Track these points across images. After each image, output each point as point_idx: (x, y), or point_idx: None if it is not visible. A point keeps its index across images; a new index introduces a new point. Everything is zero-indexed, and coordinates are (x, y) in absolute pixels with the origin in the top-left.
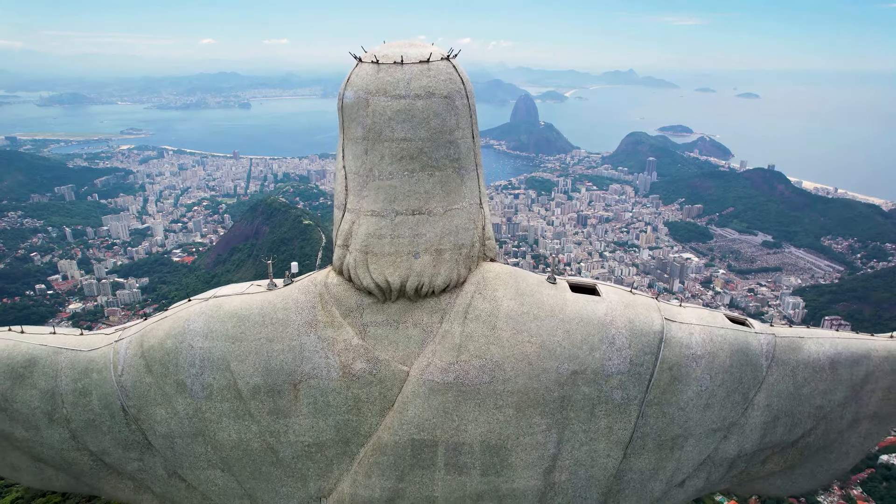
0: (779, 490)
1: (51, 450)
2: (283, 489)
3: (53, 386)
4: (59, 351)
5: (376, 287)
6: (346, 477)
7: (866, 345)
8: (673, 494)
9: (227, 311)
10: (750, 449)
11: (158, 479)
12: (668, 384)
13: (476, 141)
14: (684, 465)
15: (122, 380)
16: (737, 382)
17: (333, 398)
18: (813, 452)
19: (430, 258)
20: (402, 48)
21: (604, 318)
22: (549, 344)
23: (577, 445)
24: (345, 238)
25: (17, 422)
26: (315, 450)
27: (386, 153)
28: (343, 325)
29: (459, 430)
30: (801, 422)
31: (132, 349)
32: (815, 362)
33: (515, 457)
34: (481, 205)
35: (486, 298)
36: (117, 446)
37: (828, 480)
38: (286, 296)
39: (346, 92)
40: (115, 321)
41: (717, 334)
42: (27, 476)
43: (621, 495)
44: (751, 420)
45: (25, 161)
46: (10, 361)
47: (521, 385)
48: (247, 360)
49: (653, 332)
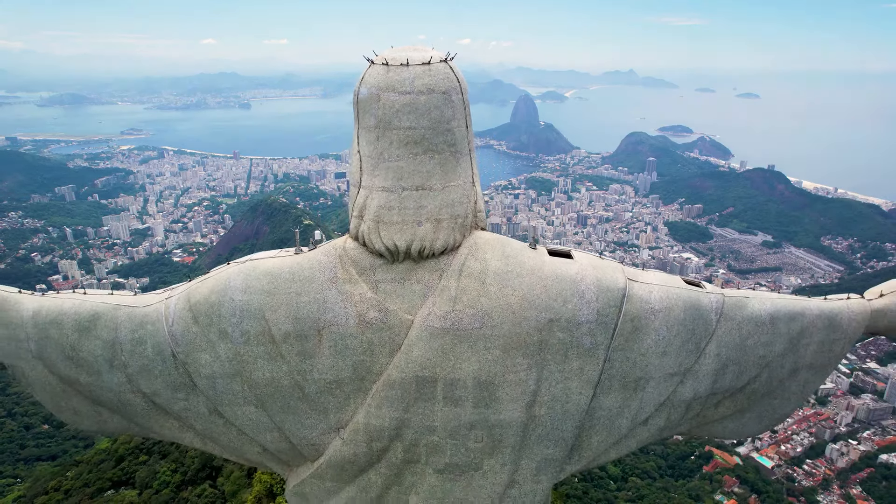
0: (732, 433)
1: (109, 392)
2: (307, 421)
3: (114, 337)
4: (118, 307)
5: (386, 250)
6: (360, 409)
7: (802, 304)
8: (638, 432)
9: (261, 270)
10: (704, 392)
11: (200, 416)
12: (630, 333)
13: (469, 130)
14: (646, 404)
15: (173, 330)
16: (690, 334)
17: (350, 342)
18: (759, 398)
19: (431, 226)
20: (408, 52)
21: (575, 276)
22: (529, 297)
23: (553, 383)
24: (360, 210)
25: (83, 368)
26: (335, 386)
27: (394, 139)
28: (359, 281)
29: (455, 369)
30: (746, 370)
31: (181, 304)
32: (757, 318)
33: (502, 392)
34: (474, 183)
35: (477, 259)
36: (167, 388)
37: (773, 424)
38: (311, 258)
39: (361, 89)
40: None
41: (672, 293)
42: (87, 420)
43: (593, 430)
44: (703, 367)
45: (26, 161)
46: (77, 316)
47: (505, 330)
48: (279, 310)
49: (617, 289)
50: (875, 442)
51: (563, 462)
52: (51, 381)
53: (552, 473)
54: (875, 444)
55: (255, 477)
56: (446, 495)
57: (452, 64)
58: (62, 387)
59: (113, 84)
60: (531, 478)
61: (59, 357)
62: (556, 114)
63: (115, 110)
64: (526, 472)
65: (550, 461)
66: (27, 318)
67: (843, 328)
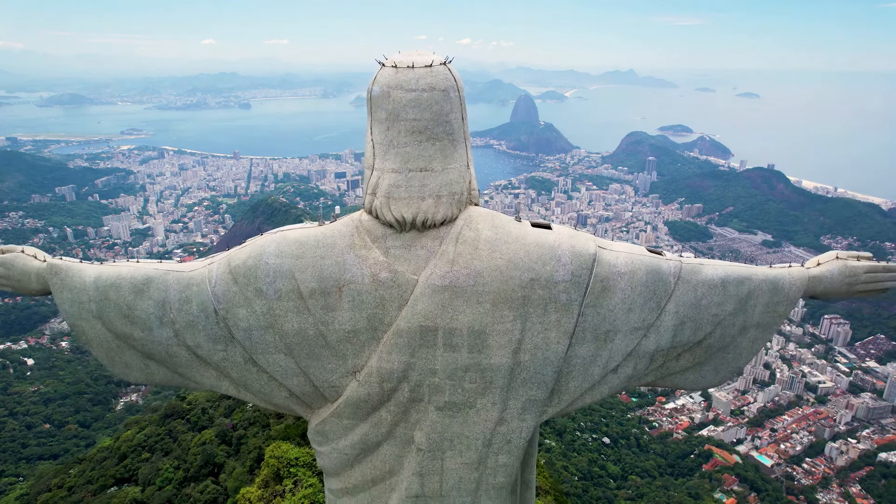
0: (693, 384)
1: (159, 346)
2: (328, 365)
3: (164, 297)
4: (168, 272)
5: (395, 221)
6: (373, 355)
7: (750, 270)
8: (609, 379)
9: (291, 238)
10: (665, 345)
11: (236, 365)
12: (599, 292)
13: (465, 122)
14: (615, 354)
15: (215, 290)
16: (651, 293)
17: (365, 297)
18: (714, 352)
19: (433, 201)
20: (413, 56)
21: (553, 243)
22: (514, 260)
23: (535, 333)
24: (373, 188)
25: (136, 325)
26: (352, 335)
27: (402, 129)
28: (372, 247)
29: (452, 319)
30: (701, 326)
31: (222, 268)
32: (710, 281)
33: (492, 339)
34: (468, 166)
35: (471, 229)
36: (208, 340)
37: (728, 376)
38: (333, 228)
39: (374, 87)
40: None
41: (636, 259)
42: (136, 372)
43: (570, 376)
44: (664, 323)
45: (26, 161)
46: (133, 280)
47: (494, 287)
48: (306, 271)
49: (588, 254)
50: (874, 440)
51: (544, 404)
52: (107, 337)
53: (536, 413)
54: (874, 442)
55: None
56: (445, 430)
57: (451, 66)
58: (117, 343)
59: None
60: (517, 416)
61: (117, 316)
62: (556, 113)
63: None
64: (513, 410)
65: (534, 402)
66: (89, 283)
67: (786, 291)
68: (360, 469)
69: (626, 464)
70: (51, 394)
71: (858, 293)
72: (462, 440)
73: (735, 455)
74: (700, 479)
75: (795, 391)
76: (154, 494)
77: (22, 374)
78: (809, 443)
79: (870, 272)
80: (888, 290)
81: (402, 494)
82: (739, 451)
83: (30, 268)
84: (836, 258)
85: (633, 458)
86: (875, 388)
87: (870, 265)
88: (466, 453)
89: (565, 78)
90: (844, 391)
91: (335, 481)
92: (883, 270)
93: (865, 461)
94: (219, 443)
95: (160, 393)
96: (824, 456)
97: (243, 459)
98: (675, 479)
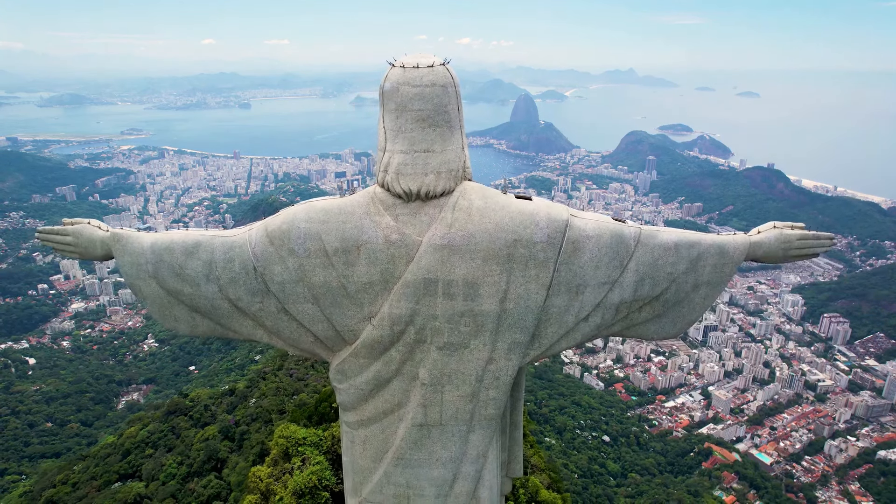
0: (653, 334)
1: (205, 300)
2: (348, 312)
3: (211, 258)
4: (214, 237)
5: (404, 193)
6: (385, 303)
7: (699, 236)
8: (581, 327)
9: (318, 207)
10: (628, 298)
11: (271, 315)
12: (571, 252)
13: (460, 112)
14: (586, 305)
15: (255, 250)
16: (615, 254)
17: (379, 255)
18: (671, 306)
19: (434, 177)
20: (417, 58)
21: (533, 211)
22: (500, 224)
23: (518, 285)
24: (385, 166)
25: (187, 282)
26: (368, 286)
27: (409, 118)
28: (385, 214)
29: (450, 273)
30: (659, 283)
31: (260, 232)
32: (665, 244)
33: (482, 290)
34: (463, 149)
35: (465, 199)
36: (248, 293)
37: (684, 328)
38: (352, 199)
39: (385, 84)
40: (117, 320)
41: (602, 225)
42: (183, 325)
43: (548, 323)
44: (626, 279)
45: (27, 162)
46: (185, 244)
47: (484, 247)
48: (331, 233)
49: (562, 220)
50: (873, 438)
51: (527, 346)
52: (160, 294)
53: (519, 354)
54: (873, 440)
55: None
56: (444, 367)
57: (448, 66)
58: (168, 299)
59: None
60: (504, 356)
61: (170, 275)
62: (555, 113)
63: (114, 110)
64: (500, 351)
65: (518, 344)
66: (146, 247)
67: (730, 255)
68: (374, 402)
69: (626, 462)
70: (52, 393)
71: (793, 257)
72: (458, 376)
73: (735, 453)
74: (700, 477)
75: (795, 389)
76: (158, 490)
77: (23, 374)
78: (809, 441)
79: (802, 239)
80: (818, 255)
81: (409, 423)
82: (739, 449)
83: (95, 237)
84: (774, 227)
85: (633, 455)
86: (874, 387)
87: (801, 233)
88: (462, 387)
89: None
90: (844, 389)
91: (352, 415)
92: (813, 238)
93: (865, 459)
94: (221, 438)
95: (161, 391)
96: (823, 454)
97: (246, 454)
98: (675, 477)
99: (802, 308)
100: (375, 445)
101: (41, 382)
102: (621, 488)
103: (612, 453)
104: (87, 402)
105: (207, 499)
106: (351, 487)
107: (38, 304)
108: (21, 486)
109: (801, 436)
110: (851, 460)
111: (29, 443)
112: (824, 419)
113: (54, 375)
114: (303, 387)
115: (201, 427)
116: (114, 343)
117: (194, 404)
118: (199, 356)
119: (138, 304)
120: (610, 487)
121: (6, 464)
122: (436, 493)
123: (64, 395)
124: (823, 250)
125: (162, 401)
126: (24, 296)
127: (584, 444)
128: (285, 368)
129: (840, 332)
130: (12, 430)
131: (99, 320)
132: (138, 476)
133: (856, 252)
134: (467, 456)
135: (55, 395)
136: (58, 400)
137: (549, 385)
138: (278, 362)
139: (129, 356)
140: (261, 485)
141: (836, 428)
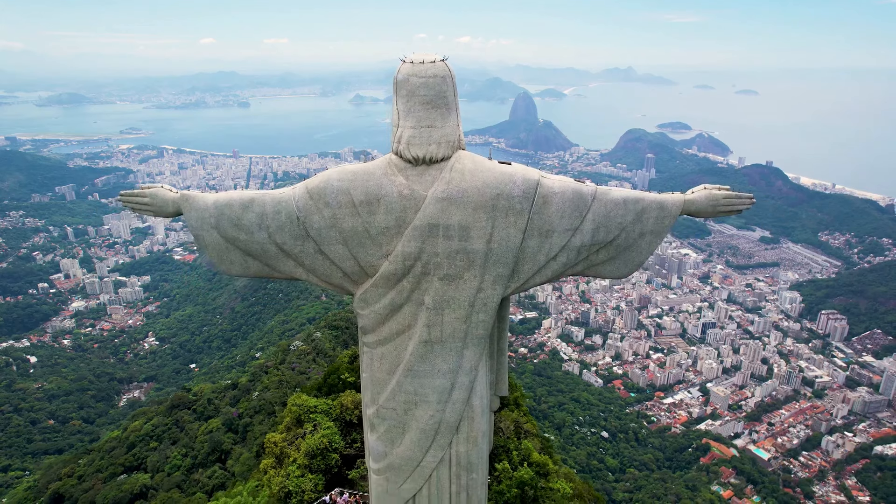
0: (609, 273)
1: (256, 245)
2: (370, 251)
3: (262, 210)
4: (265, 194)
5: (413, 158)
6: (399, 243)
7: (644, 194)
8: (550, 265)
9: (348, 169)
10: (587, 242)
11: (309, 255)
12: (541, 204)
13: (456, 97)
14: (554, 247)
15: (298, 204)
16: (575, 206)
17: (394, 205)
18: (622, 250)
19: (436, 146)
20: (423, 56)
21: (511, 172)
22: (486, 181)
23: (500, 229)
24: (398, 139)
25: (242, 230)
26: (386, 230)
27: (416, 101)
28: (398, 175)
29: (448, 219)
30: (611, 230)
31: (301, 189)
32: (615, 200)
33: (473, 232)
34: (458, 125)
35: (459, 163)
36: (292, 238)
37: (635, 268)
38: (374, 163)
39: (398, 75)
40: (117, 319)
41: (566, 184)
42: (236, 266)
43: (524, 261)
44: (585, 227)
45: (26, 161)
46: (242, 199)
47: (474, 199)
48: (357, 189)
49: (533, 180)
50: (870, 434)
51: (508, 279)
52: (220, 241)
53: (502, 285)
54: (870, 435)
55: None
56: (444, 293)
57: (447, 62)
58: (226, 245)
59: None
60: (490, 286)
61: (229, 225)
62: (554, 111)
63: (114, 110)
64: (487, 281)
65: (501, 276)
66: (210, 203)
67: (668, 209)
68: (389, 325)
69: (625, 457)
70: (54, 390)
71: (720, 213)
72: (455, 301)
73: (732, 448)
74: (697, 472)
75: (792, 385)
76: (163, 481)
77: (25, 372)
78: (806, 436)
79: (727, 198)
80: (741, 211)
81: (416, 341)
82: (737, 445)
83: (168, 197)
84: (705, 188)
85: (632, 451)
86: (871, 383)
87: (727, 193)
88: (458, 311)
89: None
90: (841, 385)
91: (371, 336)
92: (736, 197)
93: (861, 454)
94: (225, 431)
95: (162, 389)
96: (821, 449)
97: (250, 445)
98: (673, 472)
99: (800, 305)
100: (390, 360)
101: (43, 380)
102: (620, 483)
103: (611, 449)
104: (88, 400)
105: (212, 489)
106: (369, 399)
107: (38, 302)
108: (25, 482)
109: (799, 431)
110: (848, 455)
111: (32, 439)
112: (822, 415)
113: (55, 373)
114: (305, 380)
115: (205, 420)
116: (114, 341)
117: (197, 398)
118: (200, 354)
119: (138, 302)
120: (609, 482)
121: (10, 460)
122: (437, 399)
123: (66, 392)
124: (745, 207)
125: (163, 398)
126: (25, 294)
127: (583, 439)
128: (287, 362)
129: (837, 329)
130: (15, 427)
131: (99, 319)
132: (143, 468)
133: (853, 249)
134: (462, 368)
135: (57, 393)
136: (60, 397)
137: (548, 382)
138: (280, 357)
139: (129, 354)
140: (275, 449)
141: (833, 424)
